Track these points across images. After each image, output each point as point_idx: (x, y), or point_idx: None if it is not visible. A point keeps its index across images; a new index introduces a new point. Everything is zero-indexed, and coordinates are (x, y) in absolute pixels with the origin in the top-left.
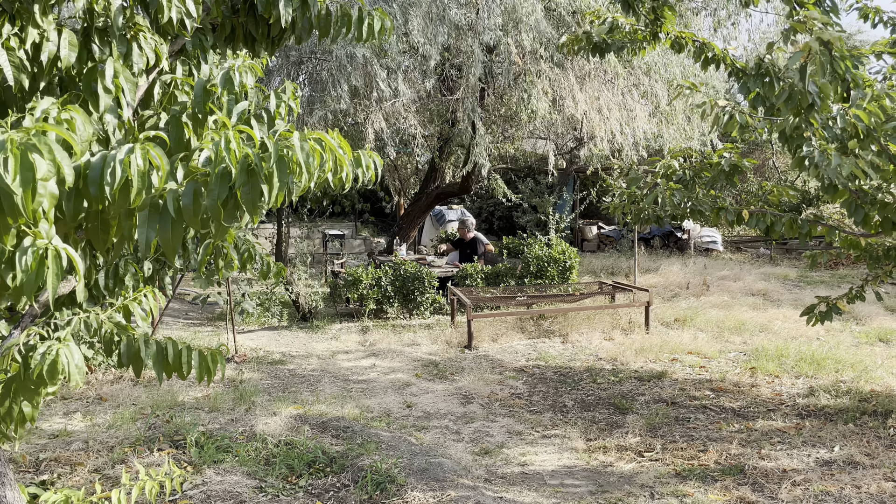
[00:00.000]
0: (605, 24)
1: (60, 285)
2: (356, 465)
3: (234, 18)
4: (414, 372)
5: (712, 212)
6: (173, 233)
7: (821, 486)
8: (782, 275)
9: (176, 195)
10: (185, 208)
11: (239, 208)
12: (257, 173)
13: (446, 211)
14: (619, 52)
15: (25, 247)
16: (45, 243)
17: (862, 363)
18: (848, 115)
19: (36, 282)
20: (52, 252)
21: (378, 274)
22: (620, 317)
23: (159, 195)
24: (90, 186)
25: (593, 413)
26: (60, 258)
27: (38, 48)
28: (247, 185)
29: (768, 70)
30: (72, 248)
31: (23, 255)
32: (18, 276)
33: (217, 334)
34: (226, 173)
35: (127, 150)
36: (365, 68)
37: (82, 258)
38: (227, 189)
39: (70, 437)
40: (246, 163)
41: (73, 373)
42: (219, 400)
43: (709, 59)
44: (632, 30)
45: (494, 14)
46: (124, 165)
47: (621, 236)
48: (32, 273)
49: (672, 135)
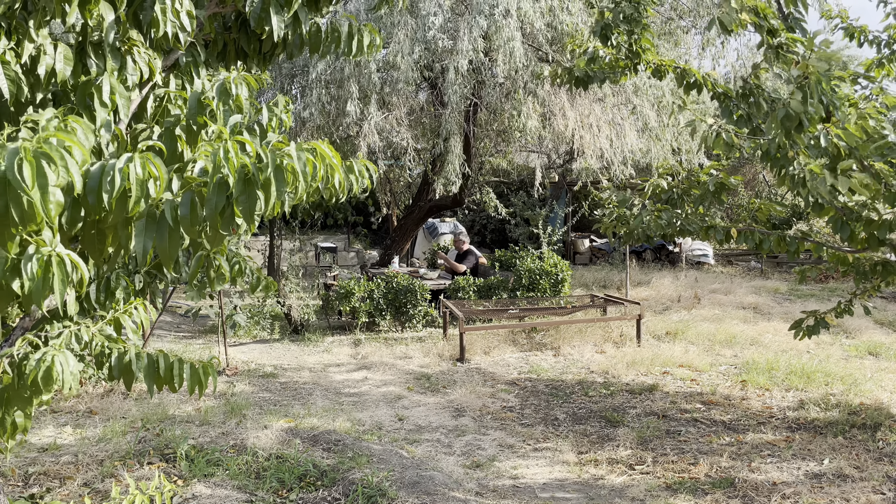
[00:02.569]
0: (586, 54)
1: (52, 297)
2: (347, 478)
3: (227, 34)
4: (406, 385)
5: (701, 230)
6: (170, 242)
7: (810, 498)
8: (773, 288)
9: (173, 205)
10: (182, 218)
11: (236, 217)
12: (254, 182)
13: (439, 224)
14: (602, 82)
15: (30, 254)
16: (49, 250)
17: (851, 376)
18: (830, 136)
19: (44, 288)
20: (57, 259)
21: (370, 287)
22: (612, 330)
23: (156, 205)
24: (88, 195)
25: (585, 426)
26: (65, 264)
27: (34, 62)
28: (244, 194)
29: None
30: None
31: (28, 262)
32: (26, 283)
33: (209, 347)
34: (223, 182)
35: (126, 159)
36: (358, 83)
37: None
38: (224, 198)
39: (60, 450)
40: (244, 172)
41: (68, 379)
42: (210, 413)
43: (690, 84)
44: (612, 59)
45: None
46: (123, 174)
47: (613, 249)
48: (39, 280)
49: (659, 152)
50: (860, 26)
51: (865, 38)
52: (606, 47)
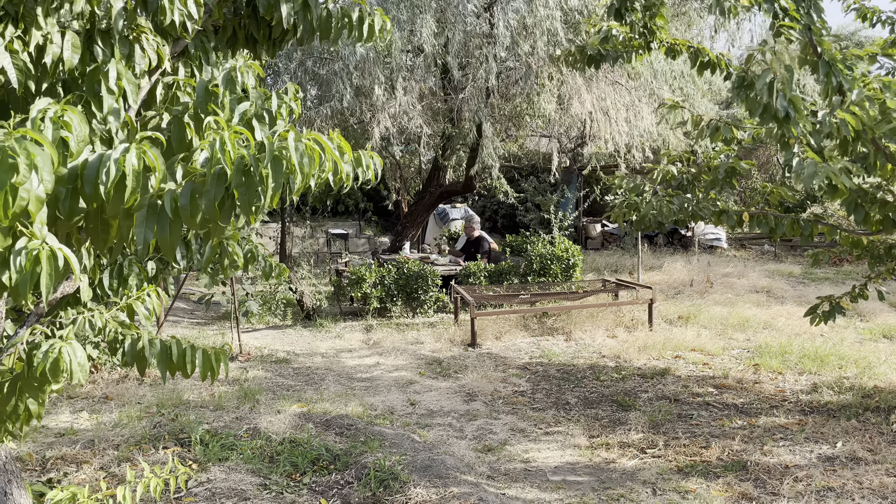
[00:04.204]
0: (600, 33)
1: (65, 285)
2: (360, 462)
3: (236, 20)
4: (417, 370)
5: (713, 215)
6: (171, 233)
7: (823, 481)
8: (786, 272)
9: (173, 195)
10: (182, 209)
11: (235, 209)
12: (253, 174)
13: (450, 209)
14: (614, 61)
15: (19, 248)
16: (38, 244)
17: (865, 359)
18: (834, 119)
19: (31, 281)
20: (46, 253)
21: (382, 272)
22: (624, 314)
23: (157, 195)
24: (86, 185)
25: (596, 410)
26: (55, 258)
27: (41, 50)
28: (242, 185)
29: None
30: (73, 247)
31: (16, 256)
32: (13, 276)
33: (222, 333)
34: (222, 174)
35: (122, 150)
36: (370, 67)
37: (87, 257)
38: (223, 190)
39: (76, 435)
40: (242, 163)
41: (76, 370)
42: (223, 398)
43: (704, 63)
44: (626, 38)
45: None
46: (119, 164)
47: (625, 234)
48: (27, 273)
49: (674, 135)
50: (872, 7)
51: (878, 18)
52: (620, 25)
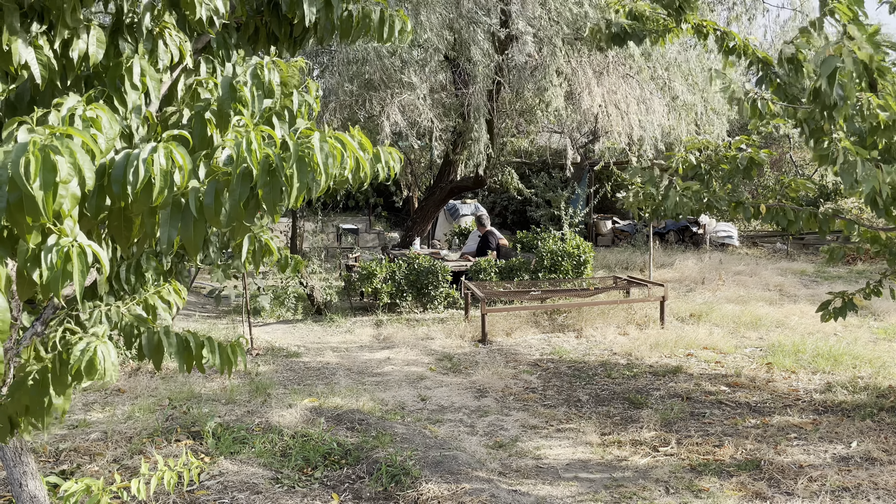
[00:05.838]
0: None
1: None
2: (371, 457)
3: (258, 18)
4: (428, 365)
5: (729, 206)
6: (195, 231)
7: (837, 481)
8: (799, 270)
9: (198, 194)
10: (206, 207)
11: (259, 208)
12: (278, 174)
13: (460, 205)
14: (640, 41)
15: (50, 245)
16: (69, 241)
17: (880, 359)
18: (872, 107)
19: (62, 279)
20: (77, 250)
21: (392, 268)
22: (635, 311)
23: (181, 194)
24: (113, 185)
25: (608, 407)
26: (85, 255)
27: (66, 45)
28: (268, 185)
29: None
30: (95, 243)
31: (48, 253)
32: (44, 273)
33: (233, 327)
34: (247, 173)
35: (150, 150)
36: (381, 62)
37: (106, 252)
38: (248, 189)
39: (89, 427)
40: (267, 163)
41: (109, 369)
42: (235, 392)
43: (730, 48)
44: (653, 16)
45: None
46: (147, 164)
47: (636, 231)
48: (58, 270)
49: (685, 129)
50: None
51: None
52: (648, 3)
